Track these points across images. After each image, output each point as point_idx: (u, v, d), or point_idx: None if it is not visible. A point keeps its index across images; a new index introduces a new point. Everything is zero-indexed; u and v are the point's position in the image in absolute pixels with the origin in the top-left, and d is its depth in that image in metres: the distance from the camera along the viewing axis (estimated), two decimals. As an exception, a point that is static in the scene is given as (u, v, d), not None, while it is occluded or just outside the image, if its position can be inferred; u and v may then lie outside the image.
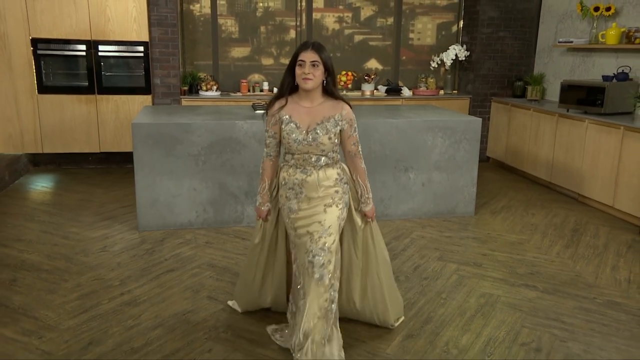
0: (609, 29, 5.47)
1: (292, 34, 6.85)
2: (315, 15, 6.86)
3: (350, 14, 7.00)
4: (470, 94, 6.96)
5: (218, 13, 6.61)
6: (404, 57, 7.19)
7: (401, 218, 4.76)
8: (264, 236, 2.85)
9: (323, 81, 2.54)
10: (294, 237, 2.63)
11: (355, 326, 2.98)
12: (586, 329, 3.02)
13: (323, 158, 2.58)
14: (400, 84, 7.13)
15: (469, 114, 6.94)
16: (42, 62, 5.71)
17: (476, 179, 4.83)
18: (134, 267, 3.70)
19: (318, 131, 2.51)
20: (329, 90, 2.58)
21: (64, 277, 3.52)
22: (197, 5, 6.58)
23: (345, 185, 2.68)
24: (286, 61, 6.93)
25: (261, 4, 6.74)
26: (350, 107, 2.62)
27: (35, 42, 5.63)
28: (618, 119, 4.95)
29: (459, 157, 4.74)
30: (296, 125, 2.54)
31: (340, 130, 2.58)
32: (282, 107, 2.57)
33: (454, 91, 7.24)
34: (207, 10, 6.59)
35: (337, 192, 2.61)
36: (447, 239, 4.35)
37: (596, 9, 5.69)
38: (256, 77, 6.86)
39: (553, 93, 6.58)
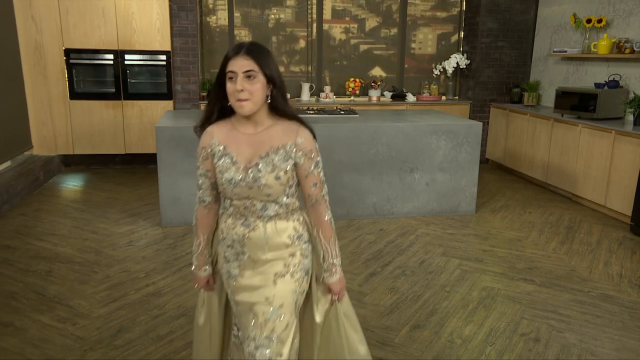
0: (601, 39, 5.43)
1: (302, 43, 6.85)
2: (324, 26, 6.86)
3: (356, 25, 6.99)
4: (471, 100, 6.93)
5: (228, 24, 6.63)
6: (406, 65, 7.18)
7: (406, 216, 4.75)
8: (210, 313, 1.90)
9: (267, 97, 1.66)
10: (235, 310, 1.80)
11: (365, 316, 2.97)
12: (581, 320, 3.00)
13: (271, 206, 1.71)
14: (405, 90, 7.10)
15: (469, 118, 6.88)
16: (74, 70, 5.74)
17: (477, 180, 4.81)
18: (158, 260, 3.71)
19: (260, 168, 1.66)
20: (278, 108, 1.69)
21: (94, 269, 3.54)
22: (214, 17, 6.60)
23: (306, 245, 1.80)
24: (296, 69, 6.93)
25: (273, 16, 6.74)
26: (312, 132, 1.73)
27: (67, 52, 5.67)
28: (609, 124, 4.91)
29: (461, 158, 4.72)
30: (232, 160, 1.69)
31: (295, 165, 1.71)
32: (212, 136, 1.74)
33: (455, 97, 7.21)
34: (222, 22, 6.60)
35: (292, 255, 1.75)
36: (450, 235, 4.33)
37: (588, 20, 5.64)
38: (266, 84, 6.87)
39: (548, 99, 6.54)
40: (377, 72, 7.10)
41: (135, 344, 2.66)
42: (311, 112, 5.13)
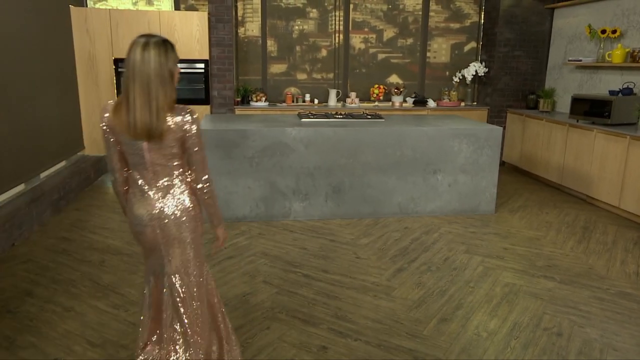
0: (615, 49, 5.29)
1: (324, 52, 6.86)
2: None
3: (374, 36, 6.96)
4: (489, 106, 6.83)
5: (260, 35, 6.65)
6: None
7: (429, 215, 4.70)
8: None
9: None
10: None
11: (394, 309, 2.95)
12: (602, 316, 2.92)
13: None
14: (425, 96, 7.04)
15: (487, 123, 6.80)
16: (122, 78, 5.83)
17: (497, 181, 4.73)
18: (201, 253, 3.74)
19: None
20: None
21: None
22: (242, 29, 6.64)
23: None
24: (319, 76, 6.93)
25: (297, 27, 6.75)
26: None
27: (116, 61, 5.76)
28: (624, 129, 4.78)
29: (482, 161, 4.65)
30: None
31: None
32: None
33: (473, 103, 7.11)
34: (250, 32, 6.63)
35: None
36: (472, 234, 4.27)
37: (603, 31, 5.50)
38: (292, 90, 6.87)
39: (562, 105, 6.40)
40: (394, 79, 7.06)
41: (183, 331, 2.67)
42: (339, 116, 5.12)
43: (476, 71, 6.77)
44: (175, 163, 1.93)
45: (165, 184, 1.93)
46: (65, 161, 5.41)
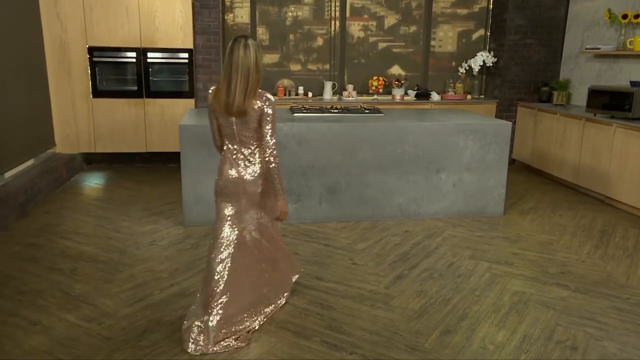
0: (637, 36, 5.29)
1: (320, 41, 6.82)
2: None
3: (374, 23, 6.94)
4: (497, 99, 6.83)
5: (250, 22, 6.62)
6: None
7: (432, 217, 4.69)
8: None
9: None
10: None
11: (393, 320, 2.93)
12: (621, 329, 2.91)
13: None
14: (429, 89, 7.03)
15: (495, 118, 6.79)
16: (97, 68, 5.81)
17: (505, 181, 4.73)
18: (181, 260, 3.72)
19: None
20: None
21: (118, 268, 3.56)
22: (231, 15, 6.61)
23: None
24: (314, 67, 6.92)
25: (291, 14, 6.73)
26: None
27: (91, 50, 5.73)
28: (646, 124, 4.78)
29: (489, 159, 4.65)
30: None
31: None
32: None
33: (480, 96, 7.11)
34: (239, 19, 6.60)
35: None
36: (478, 238, 4.26)
37: (624, 16, 5.50)
38: (285, 82, 6.84)
39: (578, 98, 6.40)
40: (396, 70, 7.04)
41: (161, 345, 2.66)
42: (335, 110, 5.10)
43: (484, 61, 6.76)
44: (255, 136, 2.72)
45: (247, 152, 2.75)
46: (34, 159, 5.38)
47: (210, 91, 2.73)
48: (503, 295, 3.28)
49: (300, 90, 6.69)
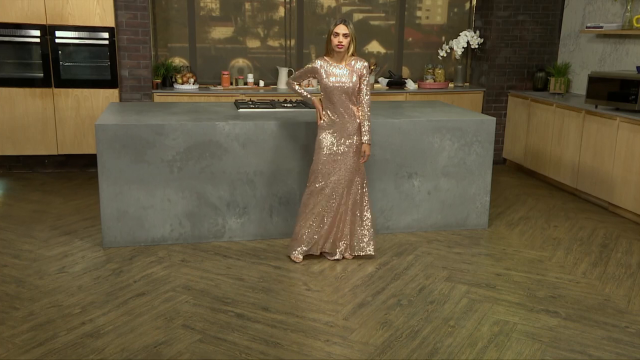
0: (645, 12, 5.49)
1: (282, 11, 6.84)
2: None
3: (348, -12, 6.98)
4: (484, 87, 7.01)
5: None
6: (410, 39, 7.14)
7: (404, 231, 4.80)
8: None
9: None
10: None
11: (351, 358, 3.00)
12: (614, 362, 3.06)
13: None
14: (404, 76, 7.16)
15: (482, 109, 6.99)
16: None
17: (490, 187, 4.87)
18: (98, 291, 3.71)
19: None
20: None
21: (14, 304, 3.52)
22: (168, -17, 6.58)
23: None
24: (276, 44, 7.00)
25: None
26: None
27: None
28: (654, 118, 4.98)
29: (470, 161, 4.78)
30: None
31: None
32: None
33: (465, 84, 7.28)
34: (181, -17, 6.57)
35: None
36: (457, 255, 4.38)
37: (630, -11, 5.70)
38: (240, 61, 6.86)
39: (579, 86, 6.62)
40: (374, 47, 7.07)
41: (65, 398, 2.66)
42: (289, 105, 5.16)
43: (468, 42, 6.92)
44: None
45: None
46: None
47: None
48: (481, 326, 3.39)
49: (250, 78, 6.72)
